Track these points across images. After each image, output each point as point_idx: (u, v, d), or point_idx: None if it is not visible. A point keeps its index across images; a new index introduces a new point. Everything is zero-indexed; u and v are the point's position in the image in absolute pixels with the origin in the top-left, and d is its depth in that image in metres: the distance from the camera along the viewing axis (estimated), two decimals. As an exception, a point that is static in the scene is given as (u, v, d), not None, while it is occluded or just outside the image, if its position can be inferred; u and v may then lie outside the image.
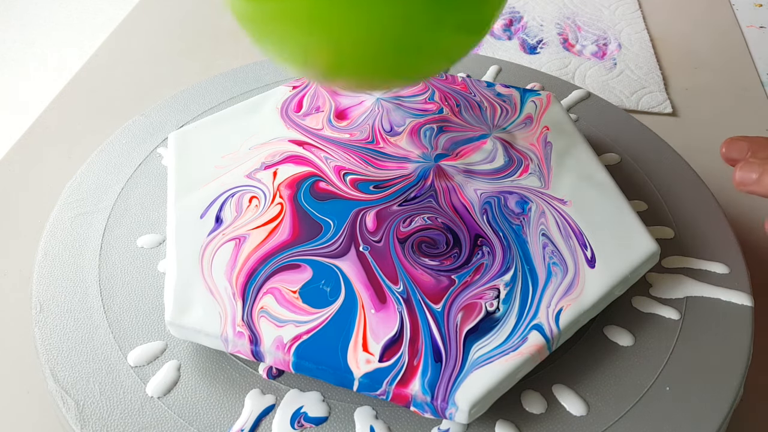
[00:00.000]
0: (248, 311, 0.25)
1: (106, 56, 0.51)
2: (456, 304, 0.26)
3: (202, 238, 0.28)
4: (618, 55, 0.51)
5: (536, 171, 0.32)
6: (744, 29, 0.56)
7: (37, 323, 0.28)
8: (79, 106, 0.45)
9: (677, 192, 0.35)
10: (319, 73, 0.27)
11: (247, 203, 0.30)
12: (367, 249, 0.28)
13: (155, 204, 0.33)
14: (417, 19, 0.24)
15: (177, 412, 0.25)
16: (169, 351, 0.27)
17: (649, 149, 0.37)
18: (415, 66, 0.27)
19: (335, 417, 0.25)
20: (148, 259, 0.30)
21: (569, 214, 0.30)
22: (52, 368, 0.26)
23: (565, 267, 0.28)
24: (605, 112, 0.40)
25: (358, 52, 0.25)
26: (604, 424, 0.25)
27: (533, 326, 0.25)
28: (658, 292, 0.30)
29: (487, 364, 0.24)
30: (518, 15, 0.57)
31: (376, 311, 0.26)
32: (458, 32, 0.26)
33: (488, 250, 0.28)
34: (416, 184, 0.32)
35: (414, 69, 0.28)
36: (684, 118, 0.46)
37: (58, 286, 0.29)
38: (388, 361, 0.24)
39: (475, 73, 0.43)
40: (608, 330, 0.28)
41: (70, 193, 0.33)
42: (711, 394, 0.26)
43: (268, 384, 0.26)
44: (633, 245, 0.28)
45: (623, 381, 0.26)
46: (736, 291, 0.29)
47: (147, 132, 0.37)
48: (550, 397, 0.26)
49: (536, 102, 0.37)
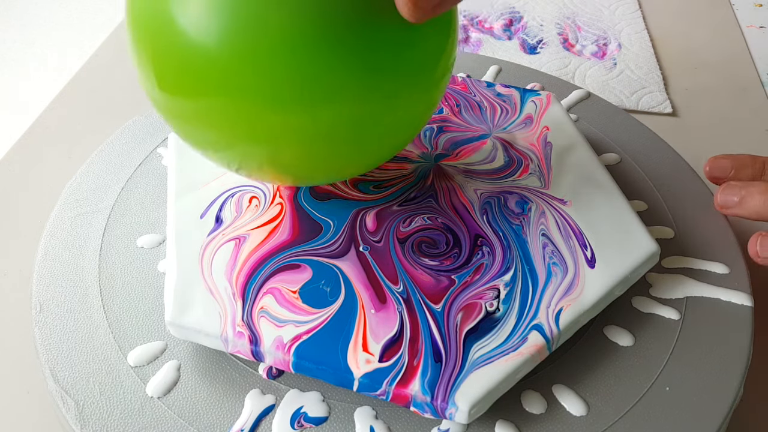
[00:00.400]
0: (248, 311, 0.25)
1: (106, 56, 0.51)
2: (456, 304, 0.26)
3: (202, 238, 0.28)
4: (618, 55, 0.51)
5: (536, 171, 0.32)
6: (744, 29, 0.56)
7: (37, 323, 0.28)
8: (79, 106, 0.45)
9: (677, 192, 0.35)
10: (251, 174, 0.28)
11: (247, 203, 0.30)
12: (367, 249, 0.28)
13: (155, 204, 0.33)
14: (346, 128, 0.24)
15: (177, 412, 0.25)
16: (169, 351, 0.27)
17: (649, 149, 0.37)
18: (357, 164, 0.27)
19: (335, 417, 0.25)
20: (148, 259, 0.30)
21: (569, 214, 0.30)
22: (52, 368, 0.26)
23: (565, 267, 0.28)
24: (605, 112, 0.40)
25: (296, 162, 0.25)
26: (604, 424, 0.25)
27: (533, 326, 0.25)
28: (658, 292, 0.30)
29: (487, 365, 0.24)
30: (518, 15, 0.57)
31: (376, 311, 0.26)
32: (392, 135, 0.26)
33: (488, 250, 0.28)
34: (416, 184, 0.32)
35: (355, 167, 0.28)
36: (684, 118, 0.46)
37: (58, 286, 0.29)
38: (388, 362, 0.24)
39: (475, 73, 0.43)
40: (608, 330, 0.28)
41: (70, 193, 0.33)
42: (711, 394, 0.26)
43: (268, 384, 0.26)
44: (633, 245, 0.28)
45: (623, 381, 0.26)
46: (736, 291, 0.29)
47: (147, 132, 0.37)
48: (550, 397, 0.26)
49: (536, 102, 0.37)
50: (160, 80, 0.24)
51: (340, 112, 0.23)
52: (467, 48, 0.52)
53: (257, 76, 0.22)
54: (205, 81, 0.22)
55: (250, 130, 0.23)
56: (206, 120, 0.24)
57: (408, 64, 0.24)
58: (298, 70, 0.22)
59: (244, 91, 0.22)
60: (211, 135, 0.25)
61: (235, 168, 0.27)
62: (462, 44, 0.52)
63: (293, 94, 0.22)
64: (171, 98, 0.24)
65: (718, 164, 0.34)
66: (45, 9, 0.55)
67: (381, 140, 0.26)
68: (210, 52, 0.22)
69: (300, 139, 0.24)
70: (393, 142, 0.27)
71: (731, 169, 0.33)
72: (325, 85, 0.22)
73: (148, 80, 0.24)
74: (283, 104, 0.23)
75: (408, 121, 0.26)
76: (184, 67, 0.23)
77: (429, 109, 0.27)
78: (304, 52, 0.22)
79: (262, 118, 0.23)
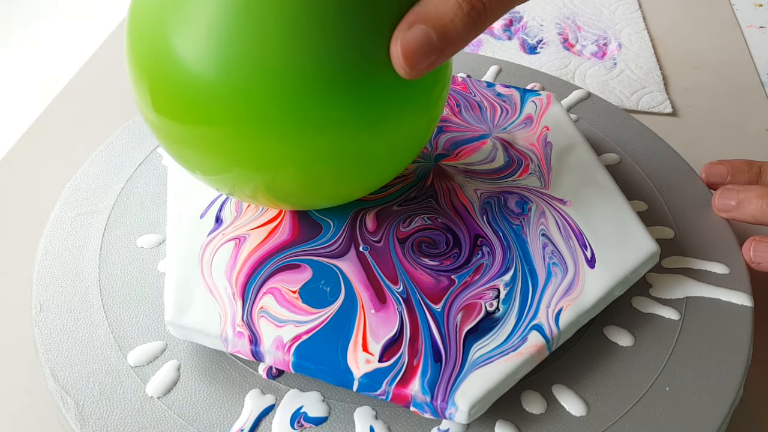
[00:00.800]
0: (248, 311, 0.25)
1: (106, 56, 0.51)
2: (456, 304, 0.26)
3: (202, 238, 0.28)
4: (618, 55, 0.51)
5: (536, 171, 0.32)
6: (744, 29, 0.56)
7: (37, 323, 0.28)
8: (79, 106, 0.45)
9: (677, 192, 0.35)
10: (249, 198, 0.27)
11: (247, 203, 0.30)
12: (367, 249, 0.28)
13: (155, 204, 0.33)
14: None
15: (177, 412, 0.25)
16: (169, 351, 0.27)
17: (649, 149, 0.37)
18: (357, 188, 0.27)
19: (335, 417, 0.25)
20: (148, 259, 0.30)
21: (569, 214, 0.30)
22: (52, 368, 0.26)
23: (565, 267, 0.28)
24: (605, 112, 0.40)
25: (293, 189, 0.26)
26: (604, 424, 0.25)
27: (533, 326, 0.25)
28: (658, 292, 0.30)
29: (486, 365, 0.24)
30: (518, 15, 0.57)
31: (376, 311, 0.26)
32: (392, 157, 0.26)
33: (488, 250, 0.28)
34: (416, 184, 0.32)
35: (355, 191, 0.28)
36: (684, 118, 0.46)
37: (58, 286, 0.29)
38: (387, 361, 0.24)
39: (475, 73, 0.43)
40: (608, 330, 0.28)
41: (70, 193, 0.33)
42: (711, 394, 0.26)
43: (268, 384, 0.26)
44: (633, 245, 0.28)
45: (623, 381, 0.26)
46: (736, 291, 0.29)
47: (147, 132, 0.37)
48: (550, 397, 0.26)
49: (536, 102, 0.37)
50: (156, 104, 0.24)
51: (337, 142, 0.23)
52: (467, 48, 0.52)
53: (255, 108, 0.22)
54: (202, 109, 0.23)
55: (244, 157, 0.24)
56: (200, 145, 0.24)
57: (404, 98, 0.24)
58: (295, 103, 0.22)
59: (241, 121, 0.22)
60: (204, 160, 0.25)
61: (227, 192, 0.27)
62: (462, 44, 0.52)
63: (289, 125, 0.23)
64: (166, 122, 0.24)
65: (715, 170, 0.34)
66: (45, 9, 0.55)
67: (378, 167, 0.26)
68: (208, 82, 0.22)
69: (293, 167, 0.24)
70: (391, 167, 0.27)
71: (727, 174, 0.34)
72: (321, 118, 0.23)
73: (144, 101, 0.24)
74: (278, 134, 0.23)
75: (406, 145, 0.26)
76: (181, 94, 0.23)
77: (428, 129, 0.27)
78: (303, 87, 0.22)
79: (257, 146, 0.23)
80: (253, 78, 0.22)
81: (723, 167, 0.34)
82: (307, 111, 0.22)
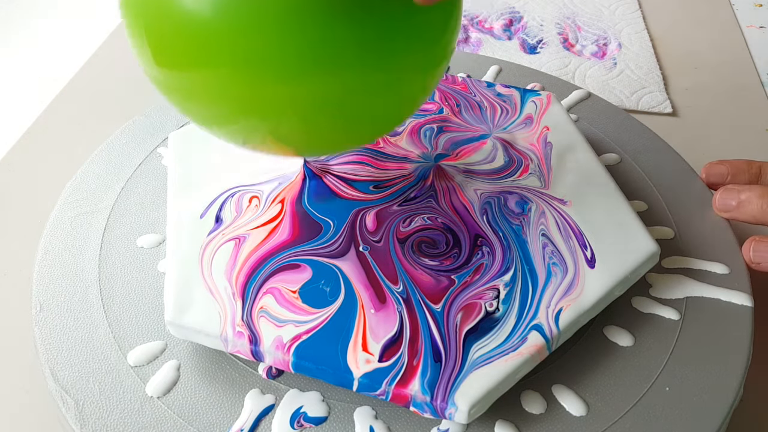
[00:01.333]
0: (248, 311, 0.25)
1: (106, 56, 0.51)
2: (456, 304, 0.26)
3: (202, 238, 0.28)
4: (618, 55, 0.51)
5: (536, 171, 0.32)
6: (744, 29, 0.56)
7: (37, 323, 0.28)
8: (79, 106, 0.45)
9: (677, 192, 0.35)
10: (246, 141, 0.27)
11: (247, 203, 0.30)
12: (367, 249, 0.28)
13: (155, 204, 0.33)
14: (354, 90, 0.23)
15: (177, 412, 0.25)
16: (169, 351, 0.27)
17: (649, 149, 0.37)
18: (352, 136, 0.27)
19: (335, 417, 0.25)
20: (148, 259, 0.30)
21: (569, 214, 0.30)
22: (51, 368, 0.26)
23: (564, 267, 0.28)
24: (605, 112, 0.40)
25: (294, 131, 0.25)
26: (604, 424, 0.25)
27: (533, 326, 0.25)
28: (658, 292, 0.30)
29: (486, 365, 0.24)
30: (518, 15, 0.57)
31: (376, 311, 0.26)
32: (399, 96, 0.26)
33: (488, 250, 0.28)
34: (416, 184, 0.32)
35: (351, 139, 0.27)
36: (684, 118, 0.46)
37: (58, 285, 0.29)
38: (387, 361, 0.24)
39: (475, 73, 0.43)
40: (608, 330, 0.28)
41: (70, 193, 0.33)
42: (711, 394, 0.26)
43: (268, 384, 0.26)
44: (633, 245, 0.28)
45: (623, 381, 0.26)
46: (736, 291, 0.29)
47: (147, 132, 0.37)
48: (550, 397, 0.26)
49: (536, 102, 0.37)
50: (156, 54, 0.23)
51: (341, 82, 0.23)
52: (467, 48, 0.52)
53: (258, 46, 0.21)
54: (203, 52, 0.22)
55: (250, 102, 0.23)
56: (205, 94, 0.23)
57: (410, 42, 0.23)
58: (301, 39, 0.21)
59: (244, 61, 0.22)
60: (211, 110, 0.24)
61: (240, 141, 0.26)
62: (462, 44, 0.52)
63: (295, 65, 0.22)
64: (168, 73, 0.23)
65: (715, 170, 0.34)
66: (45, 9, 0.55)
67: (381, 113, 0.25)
68: (207, 22, 0.21)
69: (300, 109, 0.23)
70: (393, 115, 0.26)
71: (727, 174, 0.34)
72: (327, 55, 0.22)
73: (145, 55, 0.24)
74: (283, 75, 0.22)
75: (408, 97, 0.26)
76: (181, 38, 0.22)
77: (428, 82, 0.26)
78: (308, 22, 0.21)
79: (263, 89, 0.22)
80: (257, 12, 0.21)
81: (723, 167, 0.34)
82: (314, 46, 0.21)
